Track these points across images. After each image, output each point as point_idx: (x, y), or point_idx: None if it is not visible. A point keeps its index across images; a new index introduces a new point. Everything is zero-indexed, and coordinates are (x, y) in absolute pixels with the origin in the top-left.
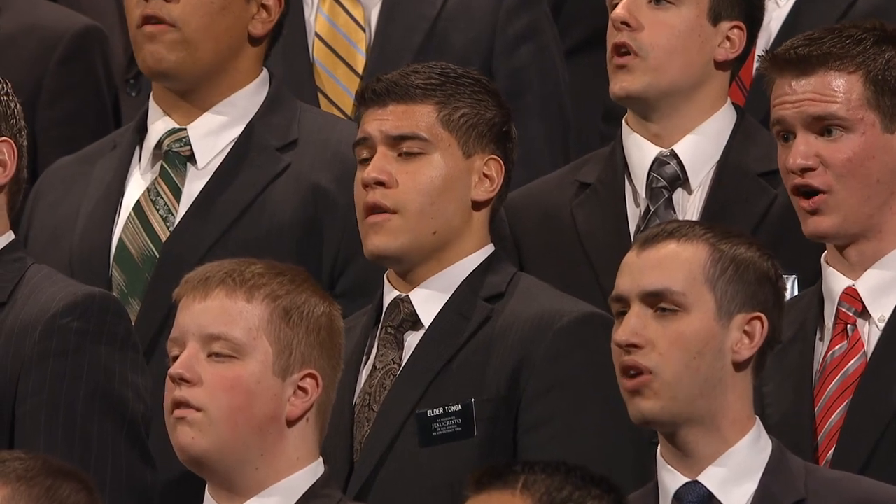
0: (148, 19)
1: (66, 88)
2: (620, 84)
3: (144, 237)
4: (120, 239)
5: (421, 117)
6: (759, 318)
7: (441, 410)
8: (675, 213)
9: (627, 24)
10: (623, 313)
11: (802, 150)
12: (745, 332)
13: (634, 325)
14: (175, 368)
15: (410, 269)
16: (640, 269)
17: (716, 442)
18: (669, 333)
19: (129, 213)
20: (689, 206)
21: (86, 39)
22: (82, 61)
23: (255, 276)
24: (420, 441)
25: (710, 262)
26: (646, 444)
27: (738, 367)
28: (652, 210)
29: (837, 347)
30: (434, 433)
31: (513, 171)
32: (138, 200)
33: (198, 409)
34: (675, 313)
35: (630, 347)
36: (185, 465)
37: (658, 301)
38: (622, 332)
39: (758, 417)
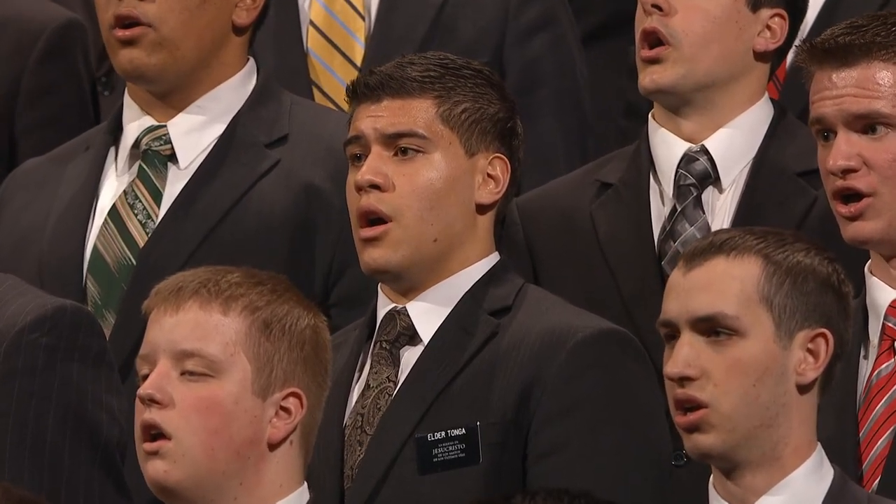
0: (121, 20)
1: (48, 88)
2: (650, 77)
3: (121, 244)
4: (94, 246)
5: (419, 113)
6: (824, 336)
7: (443, 434)
8: (703, 213)
9: (659, 8)
10: (671, 337)
11: (844, 149)
12: (809, 351)
13: (687, 355)
14: (144, 389)
15: (411, 286)
16: (687, 292)
17: (773, 469)
18: (725, 361)
19: (104, 219)
20: (720, 206)
21: (68, 34)
22: (64, 58)
23: (232, 286)
24: (419, 468)
25: (763, 277)
26: (667, 468)
27: (803, 389)
28: (679, 210)
29: (884, 366)
30: (435, 459)
31: (519, 170)
32: (114, 205)
33: (169, 437)
34: (729, 338)
35: (684, 380)
36: (156, 496)
37: (710, 326)
38: (673, 364)
39: (819, 443)
